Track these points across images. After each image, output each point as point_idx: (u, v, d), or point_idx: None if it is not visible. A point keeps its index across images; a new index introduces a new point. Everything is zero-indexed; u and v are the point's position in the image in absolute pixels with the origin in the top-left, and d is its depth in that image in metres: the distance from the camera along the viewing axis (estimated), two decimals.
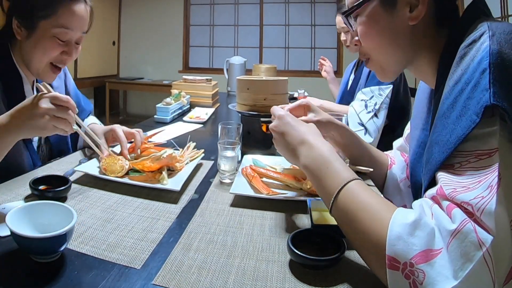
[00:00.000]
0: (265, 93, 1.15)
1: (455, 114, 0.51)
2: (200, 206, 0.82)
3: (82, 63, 4.68)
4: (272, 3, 5.25)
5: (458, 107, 0.51)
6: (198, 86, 2.30)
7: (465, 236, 0.44)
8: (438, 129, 0.55)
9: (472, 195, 0.46)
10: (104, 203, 0.81)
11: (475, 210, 0.45)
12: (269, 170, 0.96)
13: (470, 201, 0.46)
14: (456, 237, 0.45)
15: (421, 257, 0.46)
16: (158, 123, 1.73)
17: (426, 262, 0.46)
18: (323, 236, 0.64)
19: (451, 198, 0.48)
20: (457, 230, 0.45)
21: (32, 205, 0.63)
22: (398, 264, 0.48)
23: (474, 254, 0.43)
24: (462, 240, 0.44)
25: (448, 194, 0.48)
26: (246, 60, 3.09)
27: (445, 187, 0.49)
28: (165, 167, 0.95)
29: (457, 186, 0.48)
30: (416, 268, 0.46)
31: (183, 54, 5.53)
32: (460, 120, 0.50)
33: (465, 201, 0.46)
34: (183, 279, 0.56)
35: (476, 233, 0.44)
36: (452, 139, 0.50)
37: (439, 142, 0.54)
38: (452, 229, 0.45)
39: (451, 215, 0.47)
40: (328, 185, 0.61)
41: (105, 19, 5.24)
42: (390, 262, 0.48)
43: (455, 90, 0.53)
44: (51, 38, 0.94)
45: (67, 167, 1.01)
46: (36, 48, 0.95)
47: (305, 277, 0.57)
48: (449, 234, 0.46)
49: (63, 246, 0.57)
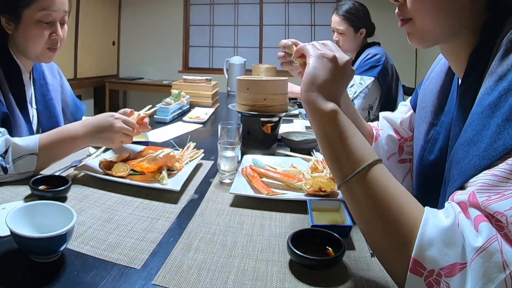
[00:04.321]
0: (265, 93, 1.15)
1: (501, 115, 0.46)
2: (200, 206, 0.82)
3: (82, 63, 4.68)
4: (272, 3, 5.24)
5: (504, 109, 0.46)
6: (198, 86, 2.30)
7: (490, 256, 0.41)
8: (477, 127, 0.49)
9: (508, 205, 0.42)
10: (104, 203, 0.81)
11: (509, 222, 0.41)
12: (269, 170, 0.96)
13: (504, 211, 0.42)
14: (481, 255, 0.42)
15: (450, 269, 0.44)
16: (158, 123, 1.73)
17: (452, 276, 0.43)
18: (323, 236, 0.64)
19: (484, 208, 0.44)
20: (483, 248, 0.42)
21: (32, 205, 0.63)
22: (423, 270, 0.44)
23: (496, 276, 0.41)
24: (486, 260, 0.41)
25: (482, 202, 0.44)
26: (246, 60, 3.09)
27: (479, 195, 0.45)
28: (165, 167, 0.95)
29: (492, 193, 0.44)
30: (444, 280, 0.43)
31: (183, 54, 5.52)
32: (508, 125, 0.45)
33: (499, 211, 0.42)
34: (183, 279, 0.56)
35: (501, 253, 0.41)
36: (498, 146, 0.45)
37: (477, 143, 0.48)
38: (478, 246, 0.42)
39: (478, 228, 0.43)
40: (357, 151, 0.54)
41: (105, 19, 5.24)
42: (415, 266, 0.45)
43: (499, 87, 0.47)
44: (37, 23, 1.01)
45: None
46: (26, 37, 1.02)
47: (305, 277, 0.57)
48: (474, 250, 0.42)
49: (63, 246, 0.57)
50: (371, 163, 0.53)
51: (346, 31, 2.01)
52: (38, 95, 1.16)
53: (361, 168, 0.53)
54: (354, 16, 1.99)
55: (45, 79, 1.19)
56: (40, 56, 1.07)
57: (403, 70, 2.83)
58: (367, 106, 1.87)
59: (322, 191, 0.84)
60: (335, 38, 2.07)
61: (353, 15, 1.99)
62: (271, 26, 5.29)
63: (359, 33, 2.01)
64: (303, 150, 1.20)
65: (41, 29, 1.01)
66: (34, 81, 1.15)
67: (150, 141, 1.33)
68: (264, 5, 5.27)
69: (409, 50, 4.42)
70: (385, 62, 1.91)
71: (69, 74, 4.42)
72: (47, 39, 1.03)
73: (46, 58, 1.09)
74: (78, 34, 4.54)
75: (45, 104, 1.16)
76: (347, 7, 2.01)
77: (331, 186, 0.85)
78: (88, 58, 4.80)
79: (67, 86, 1.32)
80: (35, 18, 0.99)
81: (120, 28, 5.61)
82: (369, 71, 1.90)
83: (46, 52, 1.06)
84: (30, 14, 0.99)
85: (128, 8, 5.54)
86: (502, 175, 0.44)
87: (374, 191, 0.52)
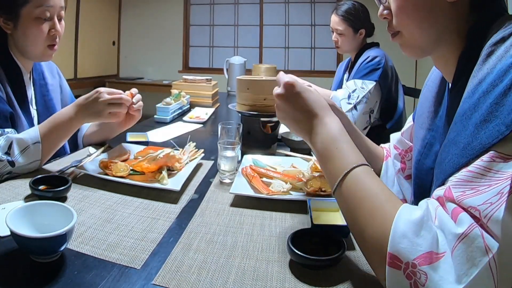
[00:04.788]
0: (265, 93, 1.15)
1: (479, 116, 0.48)
2: (200, 206, 0.82)
3: (82, 63, 4.67)
4: (272, 3, 5.24)
5: (482, 110, 0.48)
6: (198, 86, 2.30)
7: (472, 241, 0.43)
8: (458, 128, 0.52)
9: (480, 200, 0.44)
10: (104, 203, 0.81)
11: (482, 216, 0.44)
12: (269, 170, 0.96)
13: (478, 206, 0.44)
14: (463, 241, 0.44)
15: (424, 258, 0.45)
16: (158, 123, 1.73)
17: (429, 264, 0.45)
18: (323, 236, 0.64)
19: (458, 202, 0.46)
20: (464, 234, 0.44)
21: (32, 205, 0.63)
22: (400, 263, 0.47)
23: (480, 260, 0.42)
24: (469, 245, 0.43)
25: (456, 197, 0.47)
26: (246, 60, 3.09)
27: (454, 190, 0.48)
28: (165, 167, 0.95)
29: (466, 188, 0.46)
30: (419, 270, 0.45)
31: (183, 54, 5.52)
32: (485, 125, 0.47)
33: (472, 206, 0.45)
34: (183, 279, 0.56)
35: (483, 238, 0.43)
36: (475, 145, 0.47)
37: (457, 143, 0.51)
38: (459, 232, 0.44)
39: (456, 219, 0.46)
40: (335, 167, 0.60)
41: (105, 19, 5.24)
42: (392, 260, 0.47)
43: (478, 90, 0.50)
44: (36, 20, 1.02)
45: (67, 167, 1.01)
46: (26, 34, 1.03)
47: (305, 277, 0.57)
48: (456, 237, 0.44)
49: (63, 246, 0.57)
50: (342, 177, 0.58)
51: (345, 31, 2.00)
52: (38, 96, 1.16)
53: (336, 184, 0.59)
54: (354, 17, 1.98)
55: (45, 79, 1.19)
56: (41, 55, 1.07)
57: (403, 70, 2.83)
58: (368, 110, 1.87)
59: (322, 191, 0.84)
60: (334, 38, 2.06)
61: (353, 15, 1.98)
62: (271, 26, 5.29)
63: (359, 33, 2.01)
64: (303, 150, 1.20)
65: (40, 25, 1.02)
66: (34, 82, 1.15)
67: (150, 141, 1.33)
68: (264, 5, 5.27)
69: None
70: (385, 64, 1.91)
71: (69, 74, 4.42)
72: (47, 36, 1.04)
73: (46, 57, 1.09)
74: (78, 34, 4.54)
75: (44, 104, 1.16)
76: (346, 7, 2.00)
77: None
78: (88, 58, 4.80)
79: (66, 86, 1.32)
80: (33, 15, 1.00)
81: (120, 28, 5.61)
82: (370, 74, 1.89)
83: (46, 51, 1.07)
84: (28, 12, 1.00)
85: (128, 8, 5.54)
86: (476, 171, 0.46)
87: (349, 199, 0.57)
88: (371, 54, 1.94)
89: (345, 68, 2.23)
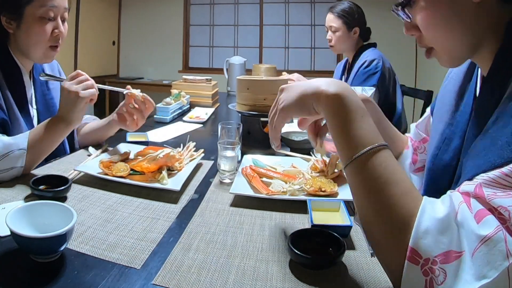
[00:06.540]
0: (265, 93, 1.15)
1: None
2: (200, 206, 0.82)
3: (82, 63, 4.67)
4: (272, 3, 5.24)
5: None
6: (198, 86, 2.30)
7: (495, 244, 0.43)
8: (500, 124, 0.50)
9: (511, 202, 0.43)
10: (104, 203, 0.81)
11: (511, 217, 0.43)
12: (269, 170, 0.96)
13: (508, 206, 0.43)
14: (486, 244, 0.43)
15: (445, 256, 0.45)
16: (158, 123, 1.73)
17: (448, 263, 0.44)
18: (323, 236, 0.64)
19: (489, 201, 0.45)
20: (488, 237, 0.43)
21: (32, 205, 0.63)
22: (419, 259, 0.45)
23: (500, 264, 0.42)
24: (491, 248, 0.43)
25: (487, 196, 0.45)
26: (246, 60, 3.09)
27: (486, 188, 0.46)
28: (165, 167, 0.95)
29: (498, 190, 0.45)
30: (439, 267, 0.44)
31: (183, 54, 5.52)
32: None
33: (503, 205, 0.44)
34: (183, 279, 0.56)
35: (506, 242, 0.42)
36: None
37: (496, 140, 0.49)
38: (483, 234, 0.43)
39: (480, 221, 0.45)
40: (361, 134, 0.54)
41: (105, 19, 5.24)
42: (412, 254, 0.46)
43: None
44: (39, 20, 1.01)
45: (67, 167, 1.01)
46: (28, 34, 1.02)
47: (305, 277, 0.57)
48: (479, 239, 0.44)
49: (63, 246, 0.57)
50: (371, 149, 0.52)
51: (339, 28, 2.01)
52: (38, 95, 1.15)
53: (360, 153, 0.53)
54: (348, 14, 2.00)
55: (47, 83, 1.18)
56: (42, 56, 1.07)
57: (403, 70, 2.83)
58: None
59: (322, 191, 0.84)
60: (328, 37, 2.08)
61: (347, 13, 2.00)
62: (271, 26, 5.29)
63: (352, 31, 2.02)
64: (303, 150, 1.20)
65: (43, 25, 1.02)
66: (34, 81, 1.15)
67: (150, 141, 1.33)
68: (264, 5, 5.27)
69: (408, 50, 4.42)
70: (383, 67, 1.91)
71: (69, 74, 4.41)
72: (50, 36, 1.04)
73: (47, 58, 1.09)
74: (78, 34, 4.54)
75: (45, 103, 1.16)
76: (342, 6, 2.03)
77: (331, 186, 0.85)
78: (88, 58, 4.80)
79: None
80: (37, 15, 1.00)
81: (120, 28, 5.61)
82: (368, 80, 1.90)
83: (48, 52, 1.06)
84: (32, 11, 0.99)
85: (128, 8, 5.54)
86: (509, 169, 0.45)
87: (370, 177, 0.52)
88: (368, 57, 1.94)
89: (342, 70, 2.23)
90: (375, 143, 0.53)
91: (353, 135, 0.54)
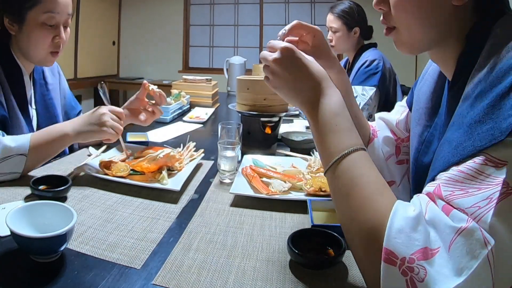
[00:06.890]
0: (265, 93, 1.15)
1: (474, 116, 0.47)
2: (200, 206, 0.82)
3: (82, 63, 4.67)
4: (272, 3, 5.24)
5: (477, 110, 0.47)
6: (198, 86, 2.30)
7: (472, 234, 0.43)
8: (454, 128, 0.51)
9: (469, 203, 0.44)
10: (104, 203, 0.81)
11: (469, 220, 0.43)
12: (269, 170, 0.96)
13: (466, 209, 0.44)
14: (462, 235, 0.43)
15: (422, 253, 0.44)
16: (158, 123, 1.72)
17: (426, 259, 0.44)
18: (323, 236, 0.64)
19: (448, 201, 0.46)
20: (463, 228, 0.43)
21: (32, 205, 0.63)
22: (395, 259, 0.45)
23: (480, 252, 0.42)
24: (469, 238, 0.43)
25: (445, 196, 0.47)
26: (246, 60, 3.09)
27: (443, 188, 0.47)
28: (165, 167, 0.95)
29: (455, 188, 0.46)
30: (417, 265, 0.44)
31: (183, 54, 5.52)
32: (479, 127, 0.46)
33: (461, 207, 0.44)
34: (183, 279, 0.56)
35: (481, 231, 0.42)
36: (467, 145, 0.47)
37: (451, 141, 0.50)
38: (458, 226, 0.43)
39: (449, 213, 0.45)
40: (331, 145, 0.56)
41: (105, 19, 5.23)
42: (387, 255, 0.45)
43: (476, 91, 0.49)
44: (41, 26, 1.00)
45: (67, 167, 1.01)
46: (29, 39, 1.02)
47: (305, 277, 0.57)
48: (454, 231, 0.44)
49: (63, 246, 0.57)
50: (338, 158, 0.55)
51: (339, 29, 2.01)
52: (37, 96, 1.16)
53: (331, 163, 0.55)
54: (348, 15, 2.00)
55: (45, 79, 1.19)
56: (43, 60, 1.07)
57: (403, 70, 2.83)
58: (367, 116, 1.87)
59: (322, 191, 0.84)
60: (329, 37, 2.08)
61: (347, 13, 2.00)
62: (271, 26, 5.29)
63: (353, 32, 2.02)
64: (303, 150, 1.20)
65: (45, 31, 1.01)
66: (34, 82, 1.15)
67: (150, 141, 1.33)
68: (264, 5, 5.27)
69: None
70: (383, 67, 1.91)
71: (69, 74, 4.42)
72: (50, 43, 1.03)
73: (47, 62, 1.09)
74: (78, 34, 4.54)
75: (44, 104, 1.16)
76: (342, 6, 2.03)
77: None
78: (88, 58, 4.80)
79: (64, 85, 1.32)
80: (40, 21, 0.99)
81: (120, 28, 5.61)
82: (369, 79, 1.90)
83: (49, 57, 1.06)
84: (34, 16, 0.99)
85: (128, 8, 5.54)
86: (467, 172, 0.46)
87: (342, 184, 0.54)
88: (368, 57, 1.94)
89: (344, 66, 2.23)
90: (345, 150, 0.55)
91: (327, 144, 0.57)
